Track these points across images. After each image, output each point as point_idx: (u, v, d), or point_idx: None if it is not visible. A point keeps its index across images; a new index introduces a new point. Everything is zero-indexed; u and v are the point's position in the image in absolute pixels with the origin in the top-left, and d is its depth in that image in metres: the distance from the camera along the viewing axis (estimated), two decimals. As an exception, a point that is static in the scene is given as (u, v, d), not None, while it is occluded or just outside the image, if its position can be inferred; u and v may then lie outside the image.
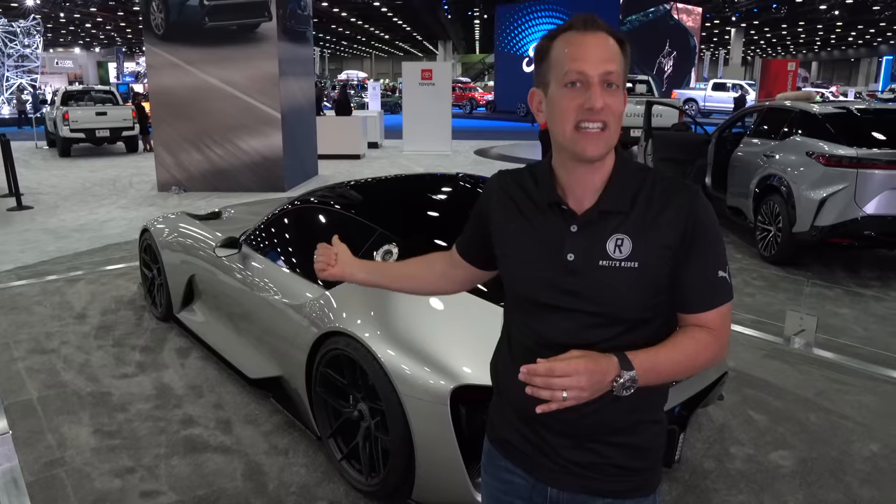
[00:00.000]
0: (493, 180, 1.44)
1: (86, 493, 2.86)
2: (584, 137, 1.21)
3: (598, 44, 1.20)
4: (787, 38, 58.91)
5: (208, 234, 4.28)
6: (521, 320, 1.35)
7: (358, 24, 45.65)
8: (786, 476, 3.01)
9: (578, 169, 1.27)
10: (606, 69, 1.19)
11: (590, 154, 1.22)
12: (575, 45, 1.21)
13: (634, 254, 1.23)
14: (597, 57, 1.19)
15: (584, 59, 1.19)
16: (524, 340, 1.35)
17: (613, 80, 1.20)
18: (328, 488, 2.90)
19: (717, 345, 1.28)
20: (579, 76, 1.19)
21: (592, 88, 1.19)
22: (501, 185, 1.41)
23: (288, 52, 10.40)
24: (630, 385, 1.18)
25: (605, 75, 1.19)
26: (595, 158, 1.23)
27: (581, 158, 1.24)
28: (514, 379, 1.33)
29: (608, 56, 1.20)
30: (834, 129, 5.99)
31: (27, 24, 31.57)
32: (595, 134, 1.20)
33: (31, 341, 4.46)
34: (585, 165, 1.26)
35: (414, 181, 4.21)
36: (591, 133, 1.20)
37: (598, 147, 1.21)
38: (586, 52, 1.20)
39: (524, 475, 1.39)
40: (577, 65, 1.19)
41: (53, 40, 53.10)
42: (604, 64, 1.19)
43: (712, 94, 28.47)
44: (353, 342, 2.72)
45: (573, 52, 1.20)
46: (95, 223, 8.23)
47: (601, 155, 1.23)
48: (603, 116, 1.20)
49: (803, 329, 4.42)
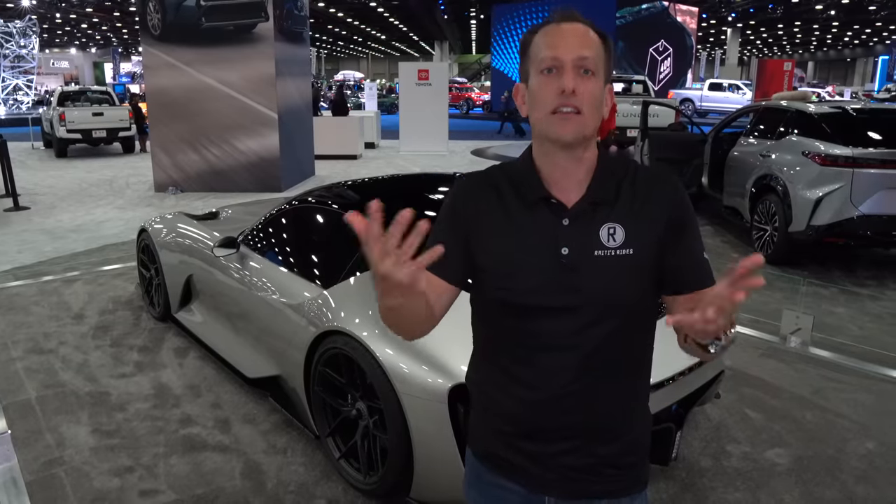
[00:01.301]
0: (460, 186, 1.37)
1: (85, 493, 2.87)
2: (558, 119, 1.21)
3: (574, 32, 1.23)
4: (784, 38, 59.03)
5: (206, 235, 4.28)
6: (512, 327, 1.29)
7: (354, 24, 45.63)
8: (782, 474, 3.02)
9: (561, 160, 1.26)
10: (580, 54, 1.20)
11: (563, 135, 1.22)
12: (551, 35, 1.24)
13: (628, 241, 1.24)
14: (571, 43, 1.21)
15: (558, 45, 1.22)
16: (516, 348, 1.30)
17: (588, 66, 1.21)
18: (326, 487, 2.91)
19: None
20: (554, 62, 1.21)
21: (565, 72, 1.20)
22: (471, 190, 1.34)
23: (285, 52, 10.40)
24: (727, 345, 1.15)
25: (578, 60, 1.20)
26: (569, 141, 1.22)
27: (556, 141, 1.23)
28: (507, 391, 1.32)
29: (583, 43, 1.22)
30: (830, 128, 6.02)
31: (23, 24, 31.50)
32: (568, 116, 1.21)
33: (29, 341, 4.46)
34: (567, 155, 1.25)
35: (411, 181, 4.22)
36: (565, 115, 1.21)
37: (571, 129, 1.21)
38: (561, 39, 1.22)
39: (518, 488, 1.35)
40: (552, 51, 1.21)
41: (49, 41, 52.95)
42: (578, 49, 1.21)
43: (709, 94, 28.52)
44: (352, 341, 2.73)
45: (549, 41, 1.23)
46: (92, 223, 8.22)
47: (575, 138, 1.22)
48: (575, 101, 1.20)
49: (799, 328, 4.44)
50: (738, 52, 47.34)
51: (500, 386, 1.33)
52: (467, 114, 31.32)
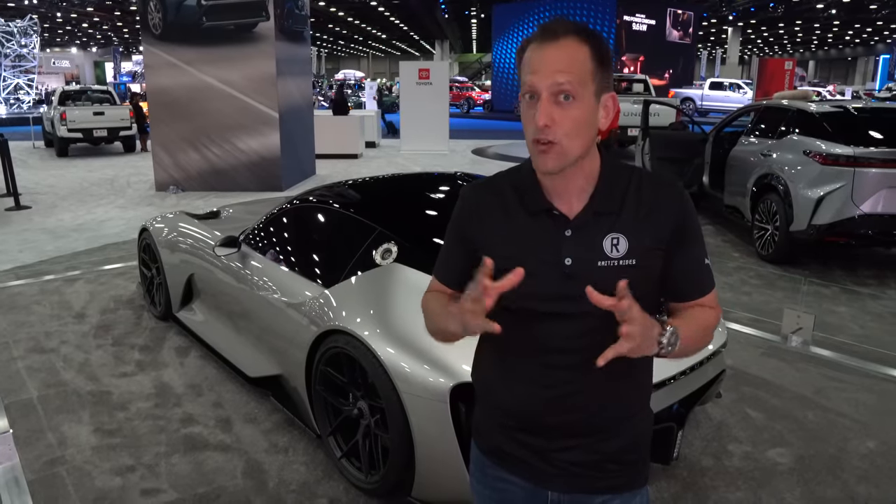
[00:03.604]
0: (466, 196, 1.39)
1: (86, 492, 2.87)
2: (538, 153, 1.21)
3: (555, 53, 1.18)
4: (784, 37, 58.97)
5: (207, 234, 4.28)
6: (518, 330, 1.30)
7: (355, 23, 45.61)
8: (783, 473, 3.02)
9: (559, 175, 1.26)
10: (555, 80, 1.17)
11: (542, 169, 1.23)
12: (533, 58, 1.20)
13: (631, 251, 1.25)
14: (548, 68, 1.17)
15: (535, 70, 1.18)
16: (521, 350, 1.32)
17: (566, 91, 1.17)
18: (328, 486, 2.91)
19: (717, 316, 1.35)
20: (531, 88, 1.19)
21: (540, 103, 1.18)
22: (477, 199, 1.37)
23: (285, 51, 10.40)
24: (674, 341, 1.18)
25: (554, 86, 1.17)
26: (551, 171, 1.23)
27: (539, 170, 1.24)
28: (510, 388, 1.35)
29: (562, 66, 1.17)
30: (831, 127, 6.01)
31: (24, 23, 31.50)
32: (546, 149, 1.19)
33: (31, 340, 4.47)
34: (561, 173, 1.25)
35: (412, 180, 4.21)
36: (543, 148, 1.20)
37: (551, 162, 1.21)
38: (539, 62, 1.18)
39: (522, 482, 1.38)
40: (529, 77, 1.19)
41: (50, 40, 52.96)
42: (553, 75, 1.17)
43: (710, 93, 28.50)
44: (353, 340, 2.73)
45: (531, 63, 1.20)
46: (93, 223, 8.23)
47: (557, 168, 1.22)
48: (550, 134, 1.18)
49: (800, 327, 4.44)
50: (738, 51, 47.30)
51: (504, 383, 1.36)
52: (468, 113, 31.31)
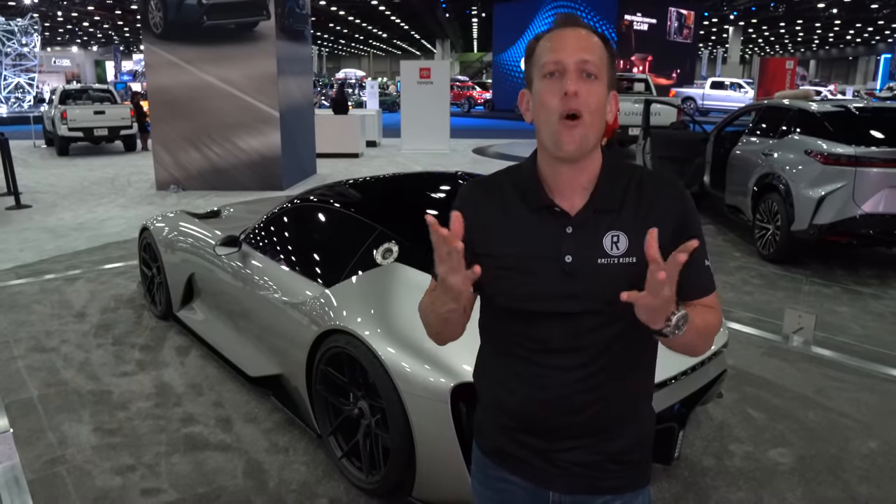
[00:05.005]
0: (464, 194, 1.38)
1: (87, 491, 2.87)
2: (564, 128, 1.21)
3: (576, 36, 1.24)
4: (786, 37, 58.93)
5: (208, 233, 4.28)
6: (516, 329, 1.31)
7: (356, 22, 45.59)
8: (784, 473, 3.02)
9: (565, 170, 1.26)
10: (582, 57, 1.21)
11: (566, 147, 1.21)
12: (554, 39, 1.24)
13: (631, 249, 1.24)
14: (573, 47, 1.22)
15: (560, 49, 1.22)
16: (520, 350, 1.32)
17: (590, 70, 1.22)
18: (328, 486, 2.91)
19: (718, 318, 1.33)
20: (556, 65, 1.22)
21: (568, 75, 1.21)
22: (475, 197, 1.36)
23: (286, 50, 10.39)
24: (681, 324, 1.16)
25: (580, 63, 1.21)
26: (572, 153, 1.22)
27: (559, 153, 1.23)
28: (511, 388, 1.34)
29: (585, 46, 1.23)
30: (832, 127, 6.00)
31: (25, 22, 31.49)
32: (573, 123, 1.20)
33: (31, 340, 4.46)
34: (570, 165, 1.25)
35: (413, 179, 4.21)
36: (570, 123, 1.20)
37: (574, 140, 1.21)
38: (563, 43, 1.23)
39: (523, 483, 1.37)
40: (554, 55, 1.22)
41: (51, 39, 52.99)
42: (580, 52, 1.22)
43: (711, 92, 28.48)
44: (354, 340, 2.72)
45: (552, 45, 1.24)
46: (94, 222, 8.22)
47: (578, 150, 1.22)
48: (578, 104, 1.19)
49: (802, 327, 4.43)
50: (739, 51, 47.29)
51: (506, 384, 1.35)
52: (468, 112, 31.31)
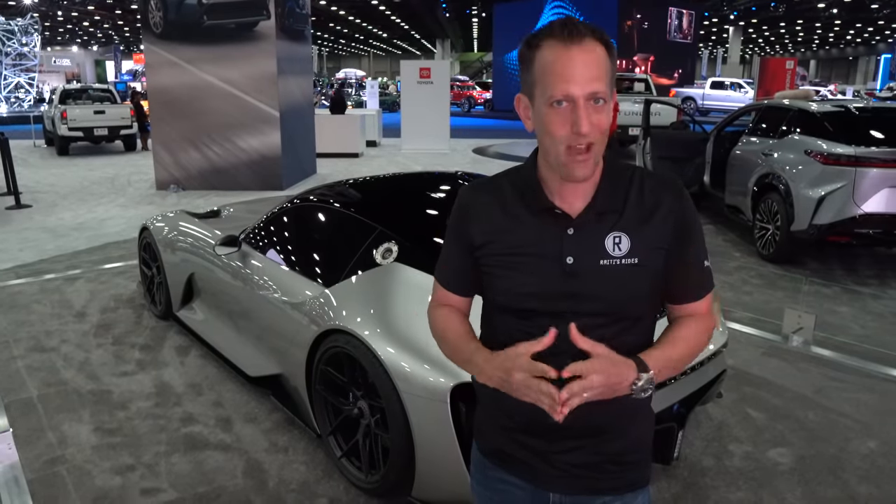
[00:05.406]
0: (464, 198, 1.38)
1: (87, 491, 2.87)
2: (572, 160, 1.19)
3: (584, 60, 1.15)
4: (786, 37, 58.93)
5: (208, 233, 4.28)
6: (518, 330, 1.29)
7: (356, 22, 45.60)
8: (784, 473, 3.02)
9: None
10: (594, 89, 1.15)
11: (578, 176, 1.21)
12: (561, 62, 1.15)
13: (633, 250, 1.25)
14: (583, 76, 1.15)
15: (570, 79, 1.14)
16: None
17: (600, 97, 1.17)
18: (328, 486, 2.91)
19: (709, 329, 1.35)
20: (565, 98, 1.16)
21: (579, 111, 1.15)
22: (475, 199, 1.36)
23: (286, 50, 10.39)
24: (648, 387, 1.19)
25: (590, 95, 1.16)
26: (581, 179, 1.22)
27: (567, 179, 1.23)
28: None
29: (595, 74, 1.16)
30: (832, 127, 6.00)
31: (25, 22, 31.48)
32: (582, 156, 1.18)
33: (31, 339, 4.46)
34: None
35: (413, 179, 4.20)
36: (579, 154, 1.18)
37: (586, 169, 1.21)
38: (572, 70, 1.15)
39: (523, 484, 1.37)
40: (564, 87, 1.15)
41: (51, 39, 52.99)
42: (590, 84, 1.15)
43: (711, 92, 28.48)
44: (353, 340, 2.73)
45: (559, 70, 1.15)
46: (94, 221, 8.22)
47: (587, 176, 1.22)
48: (588, 138, 1.17)
49: (801, 327, 4.43)
50: (739, 51, 47.29)
51: None
52: (468, 112, 31.31)
